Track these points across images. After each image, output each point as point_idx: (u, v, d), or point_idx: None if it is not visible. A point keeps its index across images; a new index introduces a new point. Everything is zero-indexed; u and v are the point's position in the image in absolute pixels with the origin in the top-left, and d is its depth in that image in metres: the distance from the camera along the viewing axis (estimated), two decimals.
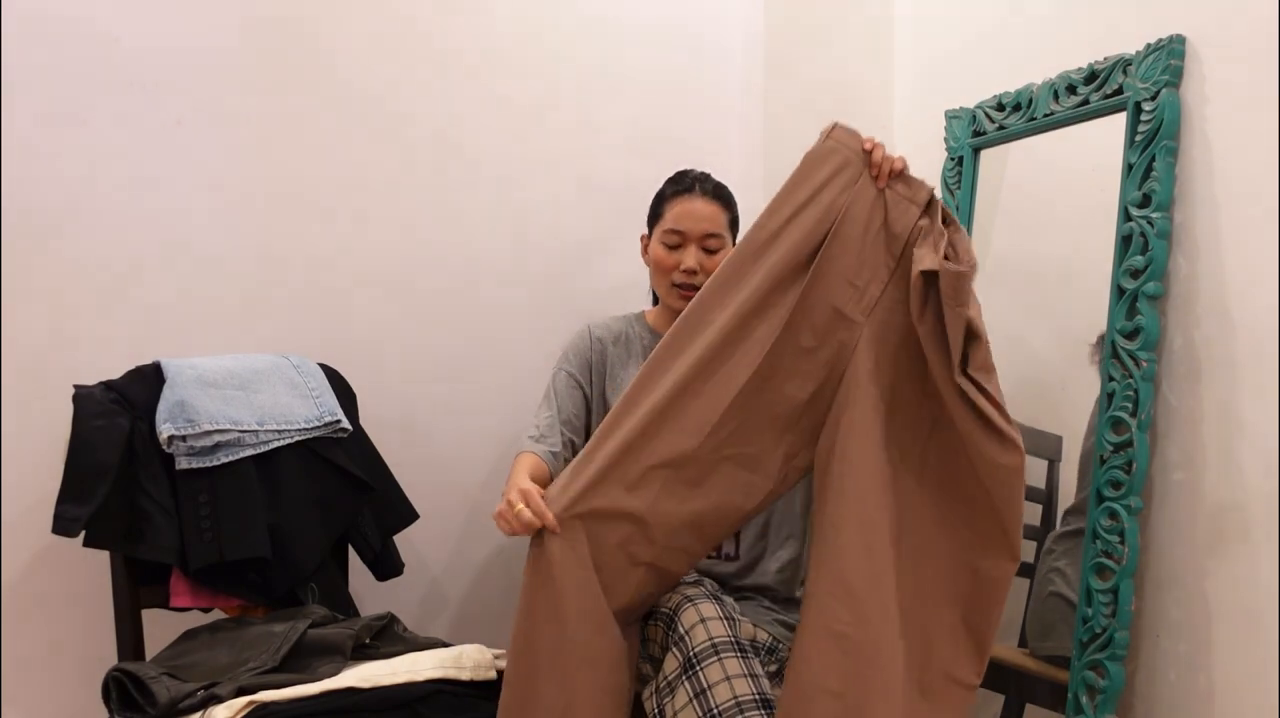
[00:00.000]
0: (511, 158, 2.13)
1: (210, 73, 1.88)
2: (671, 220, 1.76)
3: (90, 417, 1.61)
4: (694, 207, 1.76)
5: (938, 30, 2.26)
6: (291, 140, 1.95)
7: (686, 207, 1.77)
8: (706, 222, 1.76)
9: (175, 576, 1.65)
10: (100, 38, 1.80)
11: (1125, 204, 1.72)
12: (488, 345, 2.13)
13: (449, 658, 1.51)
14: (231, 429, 1.67)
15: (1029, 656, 1.87)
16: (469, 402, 2.11)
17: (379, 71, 2.02)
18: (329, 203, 1.99)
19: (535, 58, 2.15)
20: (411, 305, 2.06)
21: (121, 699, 1.45)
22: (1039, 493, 1.96)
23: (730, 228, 1.81)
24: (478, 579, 2.14)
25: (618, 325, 1.88)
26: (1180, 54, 1.69)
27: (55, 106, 1.77)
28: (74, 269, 1.78)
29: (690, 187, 1.79)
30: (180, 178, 1.86)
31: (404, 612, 1.79)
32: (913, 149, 2.30)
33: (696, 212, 1.76)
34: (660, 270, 1.80)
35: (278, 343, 1.89)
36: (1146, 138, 1.70)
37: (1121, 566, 1.66)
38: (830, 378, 1.52)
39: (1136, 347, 1.68)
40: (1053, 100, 1.88)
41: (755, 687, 1.46)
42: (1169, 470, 1.71)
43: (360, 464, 1.80)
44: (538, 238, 2.16)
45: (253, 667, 1.45)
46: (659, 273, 1.81)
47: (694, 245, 1.75)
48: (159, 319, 1.84)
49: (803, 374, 1.52)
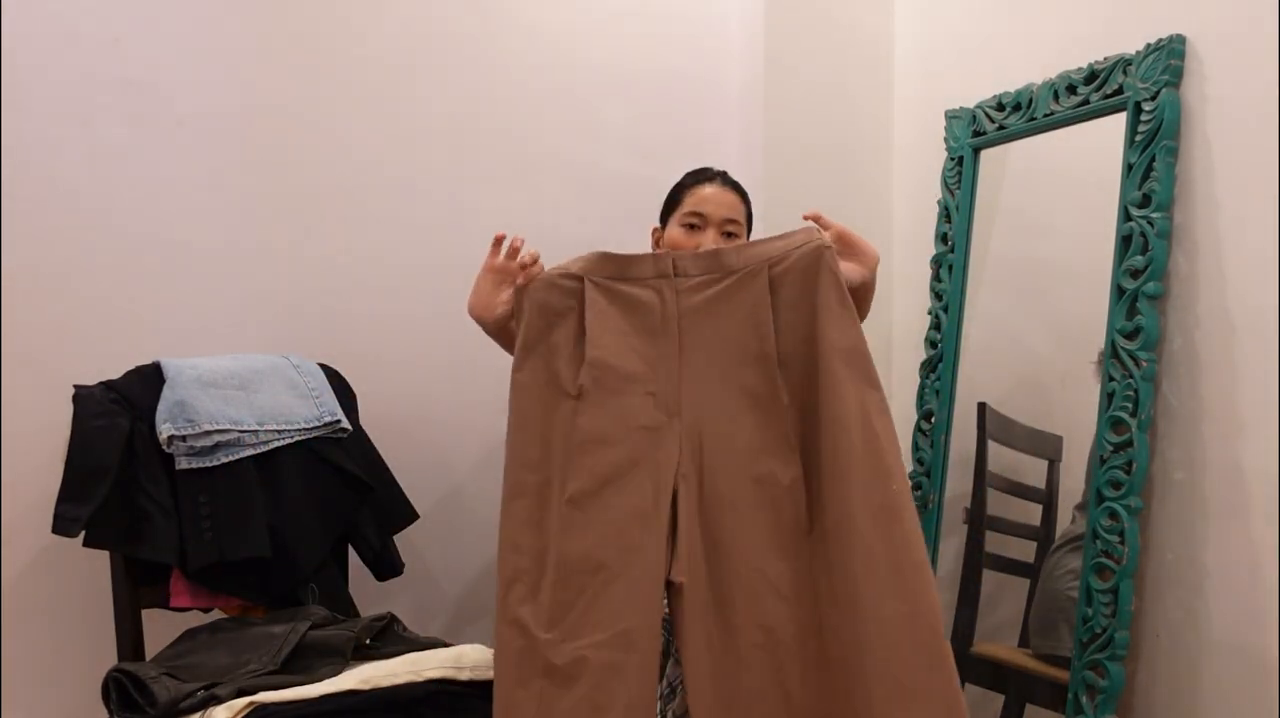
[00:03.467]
0: (512, 158, 2.13)
1: (211, 73, 1.88)
2: (693, 204, 1.78)
3: (90, 417, 1.61)
4: (717, 192, 1.78)
5: (938, 30, 2.26)
6: (292, 140, 1.95)
7: (709, 192, 1.78)
8: (727, 208, 1.77)
9: (175, 576, 1.65)
10: (100, 38, 1.80)
11: (1125, 204, 1.72)
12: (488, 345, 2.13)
13: (449, 658, 1.51)
14: (231, 429, 1.67)
15: (1029, 656, 1.88)
16: (469, 402, 2.10)
17: (380, 72, 2.02)
18: (329, 203, 1.99)
19: (535, 58, 2.15)
20: (412, 305, 2.06)
21: (121, 700, 1.44)
22: (1039, 493, 1.96)
23: (747, 221, 1.83)
24: (478, 579, 2.14)
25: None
26: (1180, 54, 1.69)
27: (55, 106, 1.77)
28: (74, 269, 1.78)
29: (712, 177, 1.82)
30: (180, 178, 1.86)
31: (404, 612, 1.79)
32: (913, 149, 2.31)
33: (719, 197, 1.78)
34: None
35: (278, 343, 1.89)
36: (1146, 138, 1.70)
37: (1121, 566, 1.66)
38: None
39: (1136, 347, 1.68)
40: (1053, 100, 1.88)
41: None
42: (1169, 470, 1.71)
43: (360, 464, 1.80)
44: (538, 238, 2.14)
45: (253, 668, 1.45)
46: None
47: (714, 229, 1.76)
48: (159, 319, 1.84)
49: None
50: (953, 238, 2.11)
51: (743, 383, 1.48)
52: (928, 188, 2.20)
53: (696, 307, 1.50)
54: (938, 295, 2.13)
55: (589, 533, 1.42)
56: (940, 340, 2.12)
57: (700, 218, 1.74)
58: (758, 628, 1.41)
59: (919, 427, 2.16)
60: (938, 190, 2.16)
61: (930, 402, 2.13)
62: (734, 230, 1.76)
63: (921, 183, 2.24)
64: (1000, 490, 2.01)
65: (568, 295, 1.51)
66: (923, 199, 2.23)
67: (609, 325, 1.49)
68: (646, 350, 1.49)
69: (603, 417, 1.46)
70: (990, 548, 2.01)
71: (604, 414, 1.46)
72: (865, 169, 2.34)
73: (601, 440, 1.45)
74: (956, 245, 2.09)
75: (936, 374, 2.12)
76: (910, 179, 2.32)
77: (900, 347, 2.33)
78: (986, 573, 2.01)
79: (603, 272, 1.51)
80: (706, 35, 2.31)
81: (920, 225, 2.23)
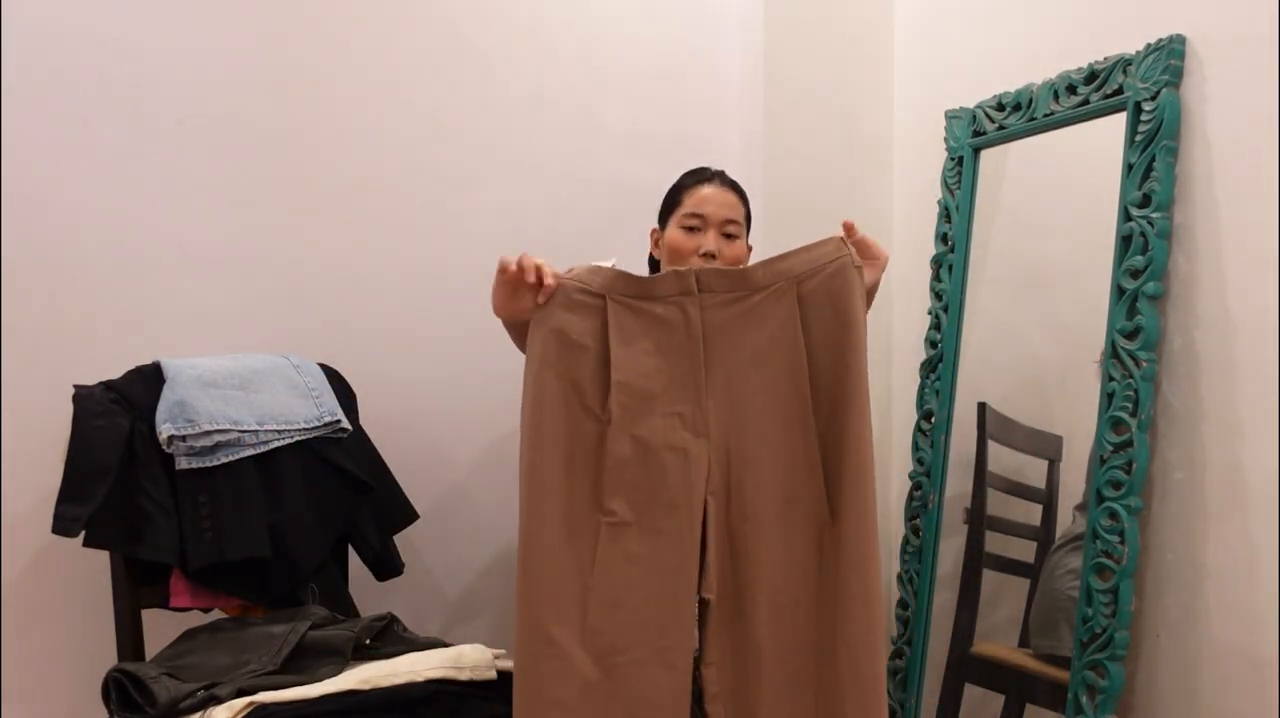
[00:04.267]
0: (511, 158, 2.13)
1: (210, 73, 1.89)
2: (693, 205, 1.78)
3: (90, 417, 1.61)
4: (715, 193, 1.79)
5: (938, 30, 2.25)
6: (291, 141, 1.95)
7: (708, 192, 1.79)
8: (728, 208, 1.77)
9: (175, 576, 1.65)
10: (100, 38, 1.80)
11: (1125, 204, 1.72)
12: (488, 345, 2.13)
13: (449, 658, 1.51)
14: (231, 429, 1.67)
15: (1029, 656, 1.88)
16: (469, 402, 2.11)
17: (379, 72, 2.02)
18: (329, 203, 1.99)
19: (535, 58, 2.15)
20: (412, 305, 2.06)
21: (121, 700, 1.45)
22: (1039, 493, 1.96)
23: (746, 221, 1.83)
24: (478, 579, 2.14)
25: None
26: (1180, 54, 1.68)
27: (55, 107, 1.77)
28: (74, 269, 1.79)
29: (711, 177, 1.82)
30: (180, 178, 1.87)
31: (404, 612, 1.79)
32: (913, 149, 2.31)
33: (718, 197, 1.78)
34: (679, 255, 1.80)
35: (278, 343, 1.89)
36: (1146, 138, 1.70)
37: (1121, 566, 1.66)
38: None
39: (1136, 347, 1.68)
40: (1053, 100, 1.88)
41: None
42: (1169, 470, 1.71)
43: (360, 464, 1.80)
44: (538, 238, 2.15)
45: (253, 668, 1.45)
46: (677, 258, 1.81)
47: (714, 230, 1.76)
48: (159, 319, 1.84)
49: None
50: (953, 238, 2.11)
51: (772, 401, 1.49)
52: (928, 188, 2.20)
53: (723, 323, 1.50)
54: (938, 295, 2.13)
55: (625, 555, 1.45)
56: (940, 340, 2.12)
57: (700, 219, 1.75)
58: (780, 643, 1.45)
59: (919, 427, 2.16)
60: (938, 190, 2.16)
61: (930, 402, 2.13)
62: (733, 231, 1.76)
63: (921, 183, 2.24)
64: (1000, 490, 2.01)
65: (590, 314, 1.50)
66: (923, 199, 2.23)
67: (634, 346, 1.49)
68: (671, 369, 1.49)
69: (632, 441, 1.47)
70: (990, 548, 2.01)
71: (633, 437, 1.47)
72: (865, 169, 2.34)
73: (633, 462, 1.46)
74: (956, 245, 2.09)
75: (936, 374, 2.12)
76: (910, 179, 2.32)
77: (900, 347, 2.33)
78: (986, 573, 2.01)
79: (625, 290, 1.51)
80: (706, 35, 2.30)
81: (920, 225, 2.23)
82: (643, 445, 1.47)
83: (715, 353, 1.50)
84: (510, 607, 2.15)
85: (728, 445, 1.48)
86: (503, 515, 2.14)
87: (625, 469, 1.46)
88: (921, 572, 2.10)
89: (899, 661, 2.13)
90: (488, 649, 1.56)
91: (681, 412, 1.48)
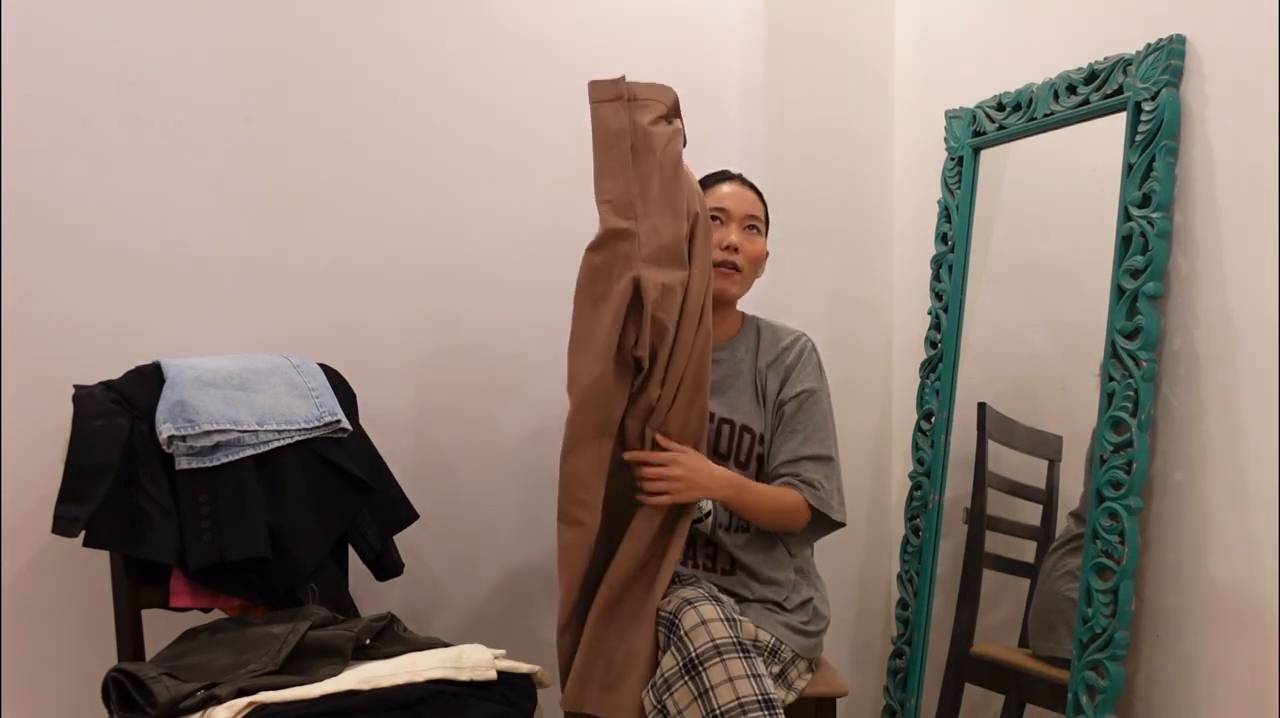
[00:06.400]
0: (512, 158, 2.13)
1: (210, 73, 1.89)
2: (714, 201, 1.82)
3: (90, 417, 1.61)
4: (736, 190, 1.84)
5: (938, 30, 2.26)
6: (292, 140, 1.95)
7: (729, 190, 1.84)
8: (748, 204, 1.83)
9: (175, 576, 1.65)
10: (100, 38, 1.80)
11: (1125, 204, 1.72)
12: (488, 345, 2.13)
13: (449, 658, 1.51)
14: (231, 429, 1.67)
15: (1029, 656, 1.88)
16: (469, 402, 2.11)
17: (379, 72, 2.02)
18: (329, 203, 1.99)
19: (535, 57, 2.15)
20: (412, 306, 2.06)
21: (121, 700, 1.44)
22: (1039, 493, 1.96)
23: (764, 221, 1.86)
24: (478, 579, 2.14)
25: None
26: (1180, 54, 1.68)
27: (55, 106, 1.77)
28: (74, 269, 1.79)
29: (731, 177, 1.87)
30: (180, 178, 1.87)
31: (404, 612, 1.79)
32: (913, 149, 2.31)
33: (739, 194, 1.84)
34: None
35: (278, 343, 1.89)
36: (1146, 138, 1.70)
37: (1121, 566, 1.66)
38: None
39: (1136, 347, 1.68)
40: (1053, 100, 1.88)
41: (758, 687, 1.46)
42: (1169, 470, 1.71)
43: (360, 464, 1.80)
44: (538, 238, 2.15)
45: (253, 668, 1.45)
46: None
47: (735, 224, 1.80)
48: (159, 319, 1.84)
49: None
50: (953, 238, 2.11)
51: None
52: (928, 188, 2.20)
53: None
54: (938, 295, 2.13)
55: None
56: (940, 340, 2.12)
57: (723, 212, 1.81)
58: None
59: (919, 427, 2.16)
60: (938, 190, 2.16)
61: (930, 402, 2.13)
62: (755, 224, 1.82)
63: (921, 183, 2.24)
64: (1000, 491, 2.01)
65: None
66: (923, 199, 2.23)
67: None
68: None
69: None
70: (990, 548, 2.01)
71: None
72: (865, 169, 2.34)
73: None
74: (956, 245, 2.09)
75: (936, 374, 2.12)
76: (910, 179, 2.32)
77: (900, 347, 2.33)
78: (986, 573, 2.01)
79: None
80: (706, 36, 2.30)
81: (920, 225, 2.23)
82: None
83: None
84: (510, 607, 2.16)
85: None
86: (503, 516, 2.14)
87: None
88: (921, 572, 2.10)
89: (899, 660, 2.13)
90: (488, 649, 1.56)
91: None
